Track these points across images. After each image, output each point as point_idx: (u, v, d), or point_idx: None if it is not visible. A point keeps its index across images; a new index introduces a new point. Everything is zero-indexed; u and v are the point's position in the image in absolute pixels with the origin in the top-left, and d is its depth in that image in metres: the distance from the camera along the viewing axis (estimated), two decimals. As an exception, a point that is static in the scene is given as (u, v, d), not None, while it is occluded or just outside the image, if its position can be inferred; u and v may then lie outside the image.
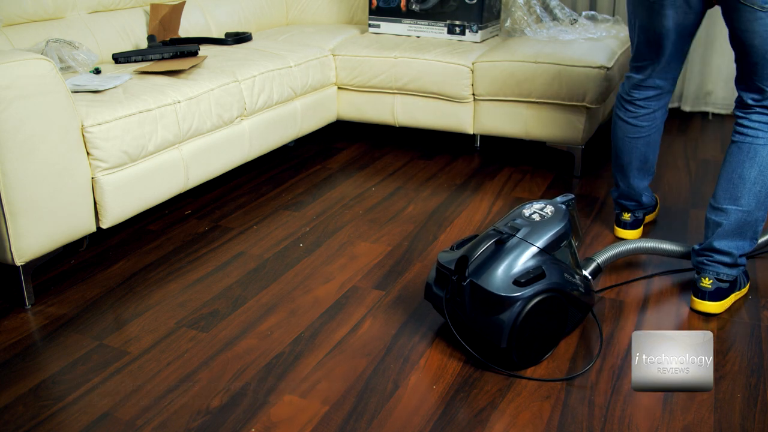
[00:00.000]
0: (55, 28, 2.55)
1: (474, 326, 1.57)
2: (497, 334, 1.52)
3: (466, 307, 1.56)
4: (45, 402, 1.50)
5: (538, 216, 1.66)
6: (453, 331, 1.60)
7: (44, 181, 1.81)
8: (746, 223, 1.74)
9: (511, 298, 1.51)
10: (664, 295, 1.90)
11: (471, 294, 1.55)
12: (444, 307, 1.62)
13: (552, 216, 1.66)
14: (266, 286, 1.97)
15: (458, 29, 3.05)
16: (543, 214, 1.67)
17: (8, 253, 1.79)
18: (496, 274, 1.55)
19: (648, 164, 2.09)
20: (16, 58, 1.73)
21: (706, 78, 3.61)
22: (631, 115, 2.04)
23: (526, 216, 1.67)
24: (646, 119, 2.02)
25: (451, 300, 1.60)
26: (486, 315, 1.54)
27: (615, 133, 2.10)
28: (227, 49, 2.84)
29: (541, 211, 1.68)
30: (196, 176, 2.34)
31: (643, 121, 2.03)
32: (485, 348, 1.60)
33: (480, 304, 1.54)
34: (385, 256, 2.14)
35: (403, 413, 1.45)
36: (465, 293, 1.56)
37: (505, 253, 1.58)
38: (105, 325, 1.80)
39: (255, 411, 1.46)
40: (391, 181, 2.74)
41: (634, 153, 2.06)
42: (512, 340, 1.51)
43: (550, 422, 1.42)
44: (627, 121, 2.05)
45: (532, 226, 1.63)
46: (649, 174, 2.13)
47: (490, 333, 1.53)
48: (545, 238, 1.61)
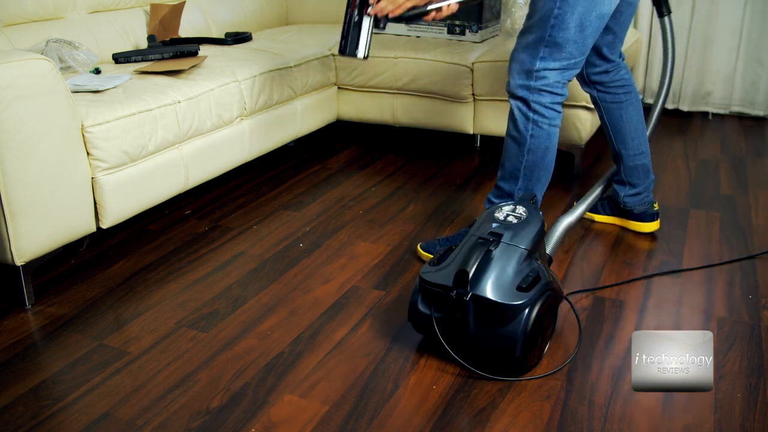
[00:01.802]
0: (55, 28, 2.55)
1: (480, 341, 1.52)
2: (510, 345, 1.49)
3: (470, 322, 1.51)
4: (45, 402, 1.50)
5: (514, 218, 1.65)
6: (447, 349, 1.54)
7: (44, 181, 1.81)
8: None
9: (520, 305, 1.48)
10: (664, 295, 1.90)
11: (475, 308, 1.51)
12: (435, 326, 1.56)
13: (528, 216, 1.65)
14: (266, 286, 1.97)
15: (458, 29, 3.06)
16: (518, 216, 1.65)
17: (8, 253, 1.79)
18: (499, 283, 1.51)
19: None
20: (16, 58, 1.73)
21: (705, 78, 3.61)
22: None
23: (502, 219, 1.65)
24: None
25: (447, 317, 1.54)
26: (494, 327, 1.50)
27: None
28: (227, 49, 2.84)
29: (514, 213, 1.67)
30: (196, 176, 2.34)
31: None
32: (490, 360, 1.58)
33: (487, 317, 1.50)
34: (385, 256, 2.14)
35: (403, 413, 1.45)
36: (468, 308, 1.50)
37: (498, 261, 1.54)
38: (105, 325, 1.80)
39: (255, 411, 1.46)
40: (391, 181, 2.74)
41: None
42: (525, 348, 1.49)
43: (550, 422, 1.42)
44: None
45: (513, 229, 1.61)
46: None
47: (501, 344, 1.50)
48: (529, 239, 1.60)
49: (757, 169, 2.84)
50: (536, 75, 1.83)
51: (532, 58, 1.82)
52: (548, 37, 1.78)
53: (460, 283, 1.50)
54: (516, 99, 1.89)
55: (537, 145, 1.89)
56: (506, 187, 1.94)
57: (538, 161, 1.90)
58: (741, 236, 2.22)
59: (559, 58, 1.81)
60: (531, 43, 1.82)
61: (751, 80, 3.55)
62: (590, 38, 1.82)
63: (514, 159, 1.92)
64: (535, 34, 1.80)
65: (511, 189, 1.93)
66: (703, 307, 1.83)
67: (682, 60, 3.62)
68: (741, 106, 3.61)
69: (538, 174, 1.92)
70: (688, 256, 2.11)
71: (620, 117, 2.14)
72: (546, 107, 1.86)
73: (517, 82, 1.86)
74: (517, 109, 1.89)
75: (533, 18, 1.82)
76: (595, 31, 1.81)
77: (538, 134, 1.88)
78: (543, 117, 1.86)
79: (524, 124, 1.88)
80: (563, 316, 1.77)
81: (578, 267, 2.05)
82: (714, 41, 3.53)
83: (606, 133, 2.21)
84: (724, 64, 3.56)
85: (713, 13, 3.50)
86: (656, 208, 2.24)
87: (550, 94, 1.85)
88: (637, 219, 2.24)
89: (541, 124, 1.87)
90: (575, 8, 1.74)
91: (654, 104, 2.26)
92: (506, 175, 1.94)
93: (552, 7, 1.75)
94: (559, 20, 1.76)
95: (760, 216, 2.37)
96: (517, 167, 1.91)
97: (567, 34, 1.77)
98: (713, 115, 3.64)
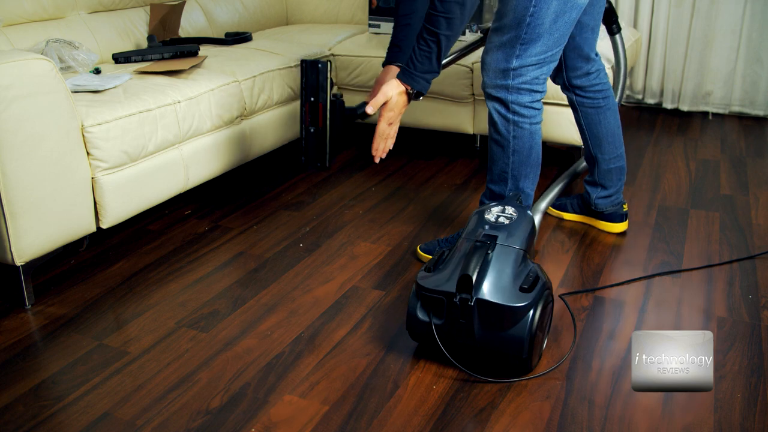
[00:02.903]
0: (55, 28, 2.55)
1: (486, 344, 1.52)
2: (517, 346, 1.49)
3: (475, 326, 1.51)
4: (45, 402, 1.50)
5: (505, 219, 1.65)
6: (447, 355, 1.54)
7: (44, 181, 1.81)
8: None
9: (524, 307, 1.48)
10: (664, 295, 1.90)
11: (480, 312, 1.50)
12: (435, 333, 1.54)
13: (518, 216, 1.66)
14: (266, 286, 1.97)
15: (458, 29, 3.05)
16: (509, 216, 1.66)
17: (8, 253, 1.79)
18: (501, 286, 1.51)
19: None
20: (16, 58, 1.73)
21: (704, 78, 3.61)
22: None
23: (493, 221, 1.65)
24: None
25: (450, 323, 1.53)
26: (500, 330, 1.50)
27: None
28: (227, 49, 2.84)
29: (504, 214, 1.67)
30: (196, 176, 2.34)
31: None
32: (495, 362, 1.58)
33: (492, 320, 1.50)
34: (385, 256, 2.14)
35: (403, 413, 1.45)
36: (473, 313, 1.50)
37: (496, 263, 1.54)
38: (105, 325, 1.80)
39: (255, 411, 1.46)
40: (391, 181, 2.74)
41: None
42: (530, 348, 1.50)
43: (550, 422, 1.42)
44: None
45: (506, 229, 1.61)
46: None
47: (508, 346, 1.50)
48: (522, 238, 1.61)
49: (757, 169, 2.84)
50: (513, 73, 1.79)
51: (507, 57, 1.78)
52: (524, 35, 1.75)
53: (463, 288, 1.49)
54: (493, 100, 1.85)
55: (521, 146, 1.87)
56: (497, 189, 1.94)
57: (524, 160, 1.89)
58: (741, 236, 2.22)
59: (535, 53, 1.77)
60: (505, 42, 1.78)
61: (751, 80, 3.55)
62: (566, 29, 1.79)
63: (500, 162, 1.91)
64: (510, 34, 1.76)
65: (502, 191, 1.93)
66: (703, 307, 1.84)
67: (681, 60, 3.62)
68: (741, 105, 3.61)
69: (526, 172, 1.91)
70: (688, 256, 2.11)
71: (598, 122, 2.13)
72: (525, 106, 1.83)
73: (494, 82, 1.83)
74: (495, 112, 1.86)
75: (506, 18, 1.77)
76: (570, 22, 1.78)
77: (520, 135, 1.86)
78: (523, 117, 1.84)
79: (504, 126, 1.85)
80: (558, 315, 1.77)
81: (578, 267, 2.05)
82: (714, 41, 3.53)
83: (581, 136, 2.20)
84: (724, 64, 3.56)
85: (713, 13, 3.49)
86: (625, 209, 2.25)
87: (530, 92, 1.82)
88: (607, 219, 2.25)
89: (522, 125, 1.85)
90: (550, 3, 1.72)
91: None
92: (495, 177, 1.94)
93: (527, 6, 1.72)
94: (534, 17, 1.73)
95: (760, 216, 2.37)
96: (504, 170, 1.90)
97: (542, 28, 1.75)
98: (713, 114, 3.64)
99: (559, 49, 1.82)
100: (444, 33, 1.72)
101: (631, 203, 2.47)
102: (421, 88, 1.81)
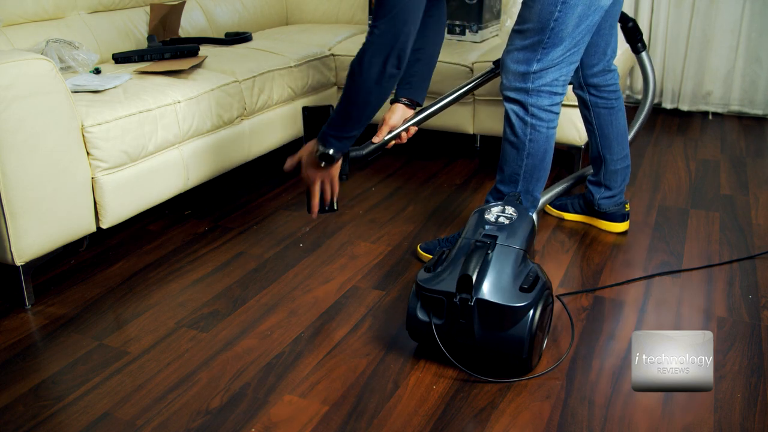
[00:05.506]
0: (55, 28, 2.55)
1: (486, 344, 1.52)
2: (517, 346, 1.49)
3: (475, 326, 1.50)
4: (45, 402, 1.50)
5: (505, 219, 1.65)
6: (447, 355, 1.54)
7: (44, 181, 1.81)
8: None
9: (525, 307, 1.48)
10: (664, 295, 1.90)
11: (480, 312, 1.50)
12: (435, 333, 1.54)
13: (519, 216, 1.66)
14: (266, 286, 1.97)
15: (458, 29, 3.05)
16: (509, 216, 1.66)
17: (8, 253, 1.79)
18: (501, 286, 1.50)
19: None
20: (16, 58, 1.73)
21: (704, 78, 3.61)
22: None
23: (493, 221, 1.65)
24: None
25: (450, 323, 1.53)
26: (500, 330, 1.50)
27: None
28: (227, 49, 2.84)
29: (504, 214, 1.67)
30: (196, 176, 2.34)
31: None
32: (495, 362, 1.58)
33: (492, 320, 1.50)
34: (385, 256, 2.14)
35: (403, 413, 1.45)
36: (473, 313, 1.50)
37: (496, 263, 1.54)
38: (105, 325, 1.80)
39: (255, 411, 1.46)
40: (391, 181, 2.74)
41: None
42: (531, 348, 1.50)
43: (550, 422, 1.42)
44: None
45: (506, 229, 1.62)
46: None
47: (508, 346, 1.50)
48: (522, 238, 1.61)
49: (757, 169, 2.84)
50: (533, 76, 1.80)
51: (528, 60, 1.79)
52: (547, 39, 1.76)
53: (463, 288, 1.49)
54: (512, 102, 1.85)
55: (536, 149, 1.87)
56: (506, 190, 1.93)
57: (537, 164, 1.89)
58: (741, 236, 2.23)
59: (556, 55, 1.78)
60: (527, 46, 1.78)
61: (750, 79, 3.56)
62: (587, 31, 1.79)
63: (512, 163, 1.90)
64: (533, 38, 1.77)
65: (511, 192, 1.93)
66: (703, 307, 1.84)
67: (681, 60, 3.62)
68: (740, 105, 3.62)
69: (538, 175, 1.91)
70: (688, 256, 2.11)
71: (610, 122, 2.14)
72: (544, 110, 1.83)
73: (513, 85, 1.83)
74: (513, 114, 1.85)
75: (530, 22, 1.77)
76: (592, 24, 1.79)
77: (536, 138, 1.85)
78: (541, 120, 1.84)
79: (522, 128, 1.85)
80: (558, 315, 1.77)
81: (578, 267, 2.05)
82: (713, 41, 3.53)
83: (590, 137, 2.20)
84: (724, 64, 3.56)
85: (712, 13, 3.50)
86: (627, 209, 2.25)
87: (550, 94, 1.82)
88: (609, 219, 2.25)
89: (539, 128, 1.84)
90: (575, 8, 1.73)
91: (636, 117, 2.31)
92: (505, 178, 1.93)
93: (552, 11, 1.73)
94: (558, 22, 1.74)
95: (760, 216, 2.38)
96: (517, 171, 1.90)
97: (565, 32, 1.76)
98: (713, 114, 3.64)
99: (579, 50, 1.82)
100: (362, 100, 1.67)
101: (632, 203, 2.47)
102: (330, 149, 1.72)
